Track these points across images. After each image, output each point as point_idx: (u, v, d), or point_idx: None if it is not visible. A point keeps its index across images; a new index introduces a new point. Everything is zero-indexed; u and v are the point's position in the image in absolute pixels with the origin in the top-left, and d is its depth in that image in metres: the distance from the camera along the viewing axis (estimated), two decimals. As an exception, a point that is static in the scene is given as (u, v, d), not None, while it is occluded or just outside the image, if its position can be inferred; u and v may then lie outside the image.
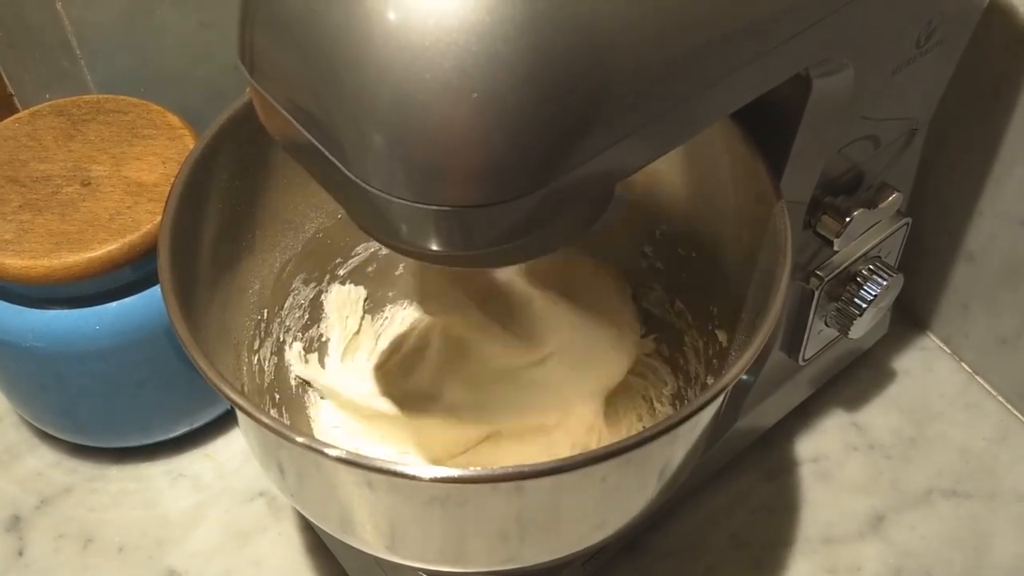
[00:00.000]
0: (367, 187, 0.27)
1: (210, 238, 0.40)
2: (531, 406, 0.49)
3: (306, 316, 0.49)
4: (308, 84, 0.27)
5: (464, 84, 0.25)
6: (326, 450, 0.30)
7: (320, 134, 0.27)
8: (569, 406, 0.48)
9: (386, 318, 0.53)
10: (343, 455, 0.30)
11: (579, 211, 0.31)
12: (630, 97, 0.27)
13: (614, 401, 0.50)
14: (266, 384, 0.45)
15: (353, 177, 0.27)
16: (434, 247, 0.28)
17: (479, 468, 0.30)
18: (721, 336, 0.44)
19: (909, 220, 0.49)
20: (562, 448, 0.48)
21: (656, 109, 0.28)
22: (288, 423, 0.42)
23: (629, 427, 0.50)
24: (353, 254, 0.50)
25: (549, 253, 0.32)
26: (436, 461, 0.48)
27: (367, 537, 0.36)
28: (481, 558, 0.36)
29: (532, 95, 0.25)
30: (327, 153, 0.27)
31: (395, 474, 0.30)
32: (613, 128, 0.27)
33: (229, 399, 0.32)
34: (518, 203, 0.27)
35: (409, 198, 0.26)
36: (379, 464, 0.30)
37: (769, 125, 0.37)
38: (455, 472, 0.30)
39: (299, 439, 0.30)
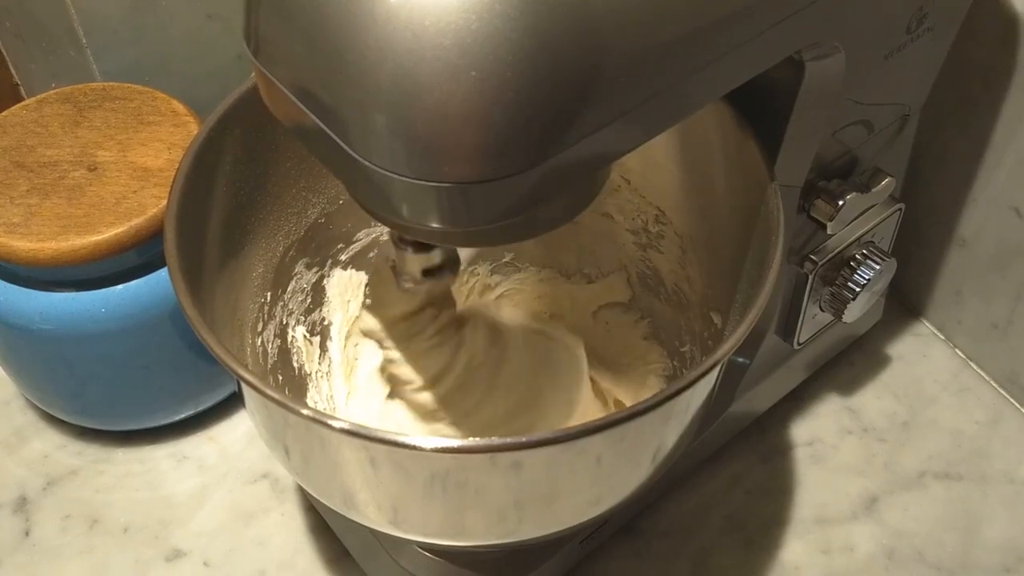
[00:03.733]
0: (370, 165, 0.27)
1: (214, 222, 0.41)
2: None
3: (309, 300, 0.50)
4: (311, 65, 0.28)
5: (463, 62, 0.25)
6: (331, 422, 0.31)
7: (323, 114, 0.28)
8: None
9: (387, 303, 0.54)
10: (347, 426, 0.31)
11: (575, 190, 0.32)
12: (624, 77, 0.28)
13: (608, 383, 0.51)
14: (269, 366, 0.46)
15: (356, 156, 0.28)
16: (435, 224, 0.29)
17: (479, 439, 0.30)
18: (716, 319, 0.45)
19: (902, 206, 0.49)
20: None
21: (650, 89, 0.29)
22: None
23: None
24: (355, 239, 0.51)
25: (546, 232, 0.33)
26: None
27: (370, 512, 0.37)
28: (480, 531, 0.37)
29: (529, 74, 0.26)
30: (330, 133, 0.28)
31: (398, 444, 0.31)
32: (608, 107, 0.28)
33: (236, 374, 0.33)
34: (516, 179, 0.27)
35: (410, 175, 0.27)
36: (382, 435, 0.31)
37: (764, 109, 0.38)
38: (456, 442, 0.31)
39: (304, 411, 0.31)
